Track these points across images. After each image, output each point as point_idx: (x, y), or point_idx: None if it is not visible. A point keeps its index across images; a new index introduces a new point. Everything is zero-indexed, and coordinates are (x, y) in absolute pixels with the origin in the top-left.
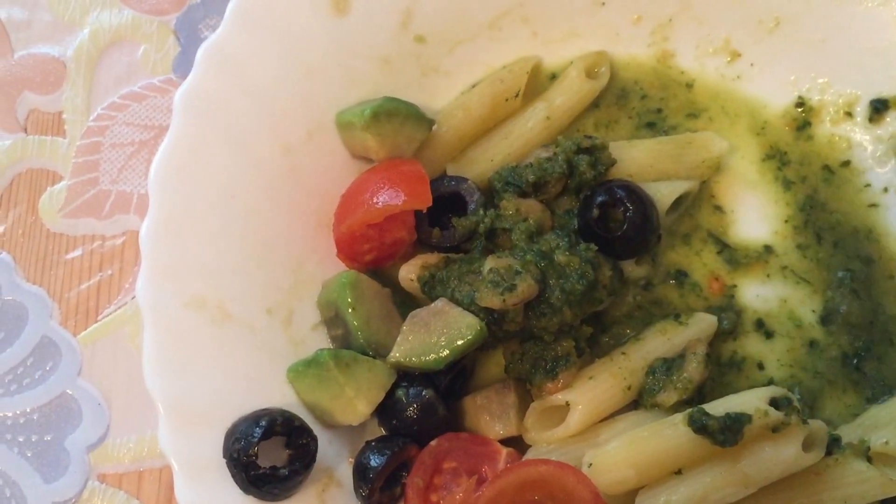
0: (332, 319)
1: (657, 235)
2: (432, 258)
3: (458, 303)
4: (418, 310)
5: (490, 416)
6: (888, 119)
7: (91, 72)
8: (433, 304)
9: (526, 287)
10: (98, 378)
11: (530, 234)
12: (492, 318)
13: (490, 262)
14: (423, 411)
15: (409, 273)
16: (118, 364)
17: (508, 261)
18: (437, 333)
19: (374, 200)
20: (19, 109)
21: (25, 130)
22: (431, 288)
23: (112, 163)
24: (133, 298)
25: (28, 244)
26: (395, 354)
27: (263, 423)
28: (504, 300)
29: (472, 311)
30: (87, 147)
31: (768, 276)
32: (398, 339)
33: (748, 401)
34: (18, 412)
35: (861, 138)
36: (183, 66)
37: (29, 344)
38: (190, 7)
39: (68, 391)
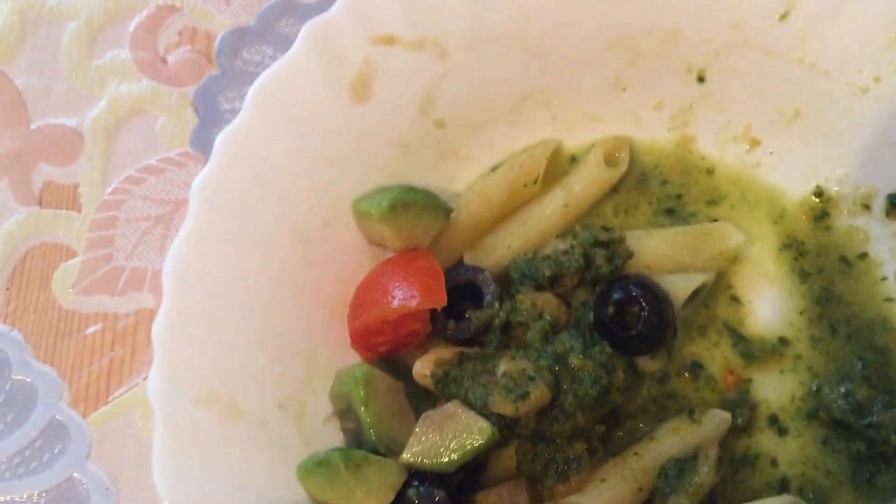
0: (345, 412)
1: (673, 331)
2: (447, 353)
3: (471, 404)
4: (430, 411)
5: None
6: None
7: (108, 144)
8: (445, 406)
9: (539, 395)
10: (107, 462)
11: (545, 334)
12: (504, 423)
13: (503, 366)
14: None
15: (423, 369)
16: (127, 447)
17: (522, 364)
18: (448, 436)
19: (389, 299)
20: (34, 181)
21: (40, 203)
22: (445, 385)
23: (127, 238)
24: (144, 379)
25: (39, 321)
26: (407, 456)
27: None
28: (517, 408)
29: (484, 415)
30: (102, 221)
31: (781, 371)
32: (410, 439)
33: None
34: (25, 496)
35: (878, 232)
36: (201, 139)
37: (38, 426)
38: (210, 78)
39: (76, 475)
